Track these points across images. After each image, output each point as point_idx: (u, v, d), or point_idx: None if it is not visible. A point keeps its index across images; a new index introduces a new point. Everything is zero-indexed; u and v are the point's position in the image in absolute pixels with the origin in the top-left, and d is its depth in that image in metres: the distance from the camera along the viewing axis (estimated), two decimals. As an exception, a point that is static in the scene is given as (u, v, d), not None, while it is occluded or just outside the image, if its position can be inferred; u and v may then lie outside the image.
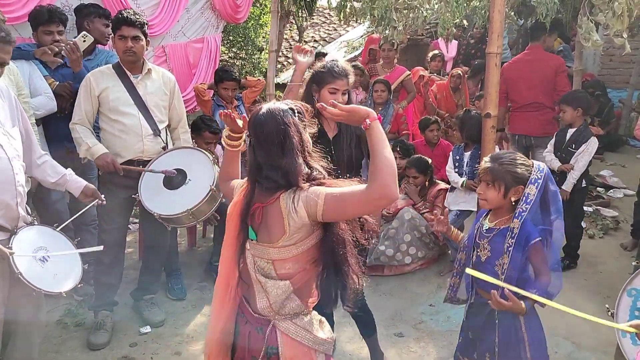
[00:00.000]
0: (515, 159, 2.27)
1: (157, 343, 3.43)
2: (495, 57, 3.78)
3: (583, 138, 4.38)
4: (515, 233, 2.18)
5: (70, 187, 2.75)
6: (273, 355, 1.86)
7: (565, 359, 3.30)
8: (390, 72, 6.08)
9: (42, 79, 3.52)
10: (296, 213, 1.74)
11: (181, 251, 4.57)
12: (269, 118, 1.80)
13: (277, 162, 1.78)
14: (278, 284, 1.82)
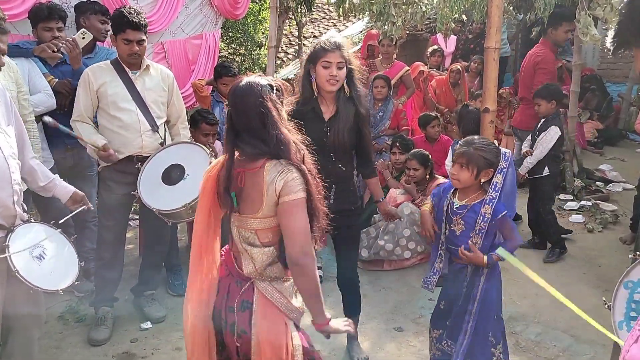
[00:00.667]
0: (487, 145, 2.54)
1: (158, 339, 3.45)
2: (494, 52, 3.79)
3: (546, 124, 4.54)
4: (488, 217, 2.48)
5: (58, 192, 2.72)
6: (247, 309, 1.95)
7: (563, 352, 3.32)
8: (390, 68, 6.07)
9: (42, 76, 3.52)
10: (274, 187, 1.82)
11: (181, 247, 4.58)
12: (248, 90, 1.87)
13: (258, 133, 1.86)
14: (263, 250, 1.93)
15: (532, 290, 4.05)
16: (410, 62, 6.89)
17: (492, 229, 2.53)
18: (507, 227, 2.54)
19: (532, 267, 3.83)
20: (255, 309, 1.94)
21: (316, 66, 2.79)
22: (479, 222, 2.51)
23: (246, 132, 1.88)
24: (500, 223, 2.51)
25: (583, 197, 5.82)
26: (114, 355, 3.26)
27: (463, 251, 2.57)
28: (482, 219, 2.49)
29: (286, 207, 1.83)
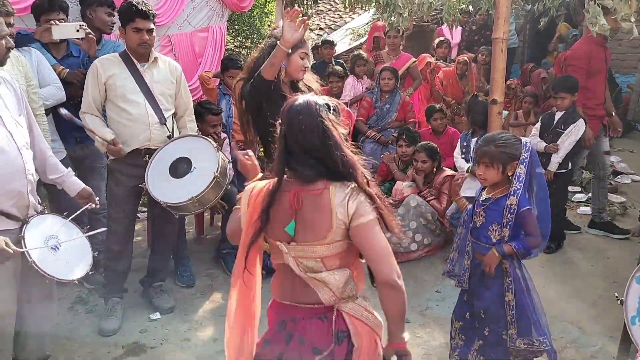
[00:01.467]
0: (507, 139, 2.53)
1: (167, 329, 3.48)
2: (502, 43, 3.77)
3: (572, 119, 4.43)
4: (514, 209, 2.46)
5: (67, 187, 2.75)
6: (344, 339, 1.82)
7: (571, 344, 3.32)
8: (396, 59, 6.06)
9: (50, 69, 3.52)
10: (345, 209, 1.71)
11: (189, 239, 4.61)
12: (306, 108, 1.76)
13: (317, 153, 1.74)
14: (334, 273, 1.78)
15: (539, 282, 4.02)
16: (416, 54, 6.87)
17: (518, 222, 2.50)
18: (531, 223, 2.50)
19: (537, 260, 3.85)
20: (353, 332, 1.82)
21: (292, 55, 2.93)
22: (506, 214, 2.48)
23: (303, 153, 1.74)
24: (523, 217, 2.48)
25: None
26: (124, 345, 3.30)
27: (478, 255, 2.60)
28: (508, 210, 2.47)
29: (364, 228, 1.71)
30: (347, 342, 1.82)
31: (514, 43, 8.60)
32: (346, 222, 1.73)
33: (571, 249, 4.61)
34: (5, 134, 2.32)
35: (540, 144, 4.48)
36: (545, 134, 4.54)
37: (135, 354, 3.23)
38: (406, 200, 4.43)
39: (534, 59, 9.07)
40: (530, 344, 2.49)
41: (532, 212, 2.50)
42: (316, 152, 1.74)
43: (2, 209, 2.33)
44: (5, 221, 2.35)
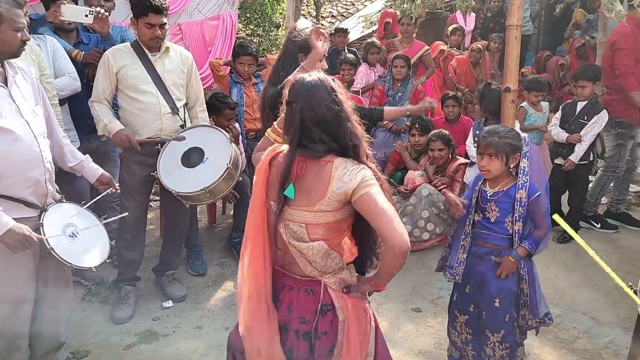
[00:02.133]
0: (510, 131, 2.59)
1: (179, 317, 3.51)
2: (516, 30, 3.71)
3: (596, 110, 4.37)
4: (525, 202, 2.50)
5: (86, 173, 2.81)
6: (328, 311, 1.91)
7: (583, 334, 3.30)
8: (409, 47, 6.00)
9: (67, 58, 3.52)
10: (348, 182, 1.77)
11: (201, 228, 4.63)
12: (318, 83, 1.84)
13: (331, 128, 1.82)
14: (312, 245, 1.85)
15: (552, 272, 4.02)
16: (429, 41, 6.80)
17: (529, 212, 2.54)
18: (541, 210, 2.53)
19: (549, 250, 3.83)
20: (339, 307, 1.90)
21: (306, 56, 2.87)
22: (517, 207, 2.52)
23: (319, 127, 1.81)
24: (533, 205, 2.52)
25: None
26: (137, 333, 3.34)
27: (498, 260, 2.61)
28: (519, 204, 2.52)
29: (370, 196, 1.76)
30: (332, 314, 1.91)
31: (529, 30, 8.48)
32: (342, 197, 1.79)
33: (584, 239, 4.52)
34: (22, 123, 2.36)
35: (562, 135, 4.41)
36: (566, 124, 4.46)
37: (148, 341, 3.26)
38: (418, 190, 4.41)
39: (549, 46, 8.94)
40: (540, 322, 2.65)
41: (542, 197, 2.52)
42: (329, 125, 1.82)
43: (20, 196, 2.38)
44: (24, 209, 2.40)
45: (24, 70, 2.50)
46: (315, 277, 1.91)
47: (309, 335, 1.93)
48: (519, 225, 2.54)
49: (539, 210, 2.53)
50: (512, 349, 2.63)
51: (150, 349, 3.20)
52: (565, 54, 8.10)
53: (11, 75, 2.40)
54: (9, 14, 2.26)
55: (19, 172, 2.34)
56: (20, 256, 2.36)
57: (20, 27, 2.32)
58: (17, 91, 2.41)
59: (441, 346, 3.17)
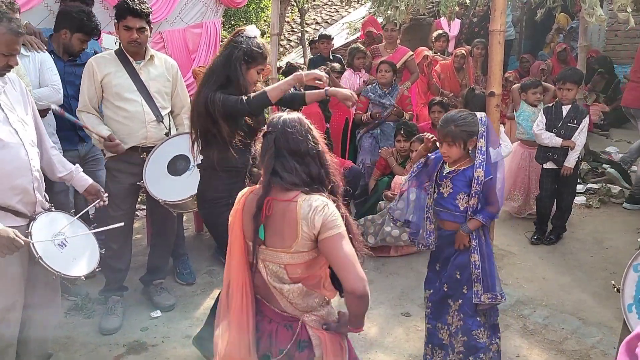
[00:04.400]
0: (465, 117, 2.71)
1: (168, 327, 3.48)
2: (499, 35, 3.75)
3: (582, 113, 4.44)
4: (482, 180, 2.68)
5: (75, 183, 2.80)
6: (305, 348, 1.92)
7: (571, 334, 3.33)
8: (393, 53, 6.04)
9: (54, 71, 3.50)
10: (312, 222, 1.78)
11: (188, 236, 4.60)
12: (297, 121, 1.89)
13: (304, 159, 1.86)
14: (292, 288, 1.86)
15: (540, 274, 4.06)
16: (413, 47, 6.85)
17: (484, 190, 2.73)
18: (493, 190, 2.74)
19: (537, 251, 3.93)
20: (315, 343, 1.92)
21: (250, 69, 2.77)
22: (474, 185, 2.69)
23: (292, 156, 1.85)
24: (487, 185, 2.71)
25: (589, 180, 5.81)
26: (125, 344, 3.30)
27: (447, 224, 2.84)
28: (476, 182, 2.69)
29: (332, 241, 1.78)
30: (309, 351, 1.92)
31: (511, 35, 8.60)
32: (311, 236, 1.80)
33: (571, 241, 4.62)
34: (10, 131, 2.36)
35: (556, 140, 4.41)
36: (554, 128, 4.47)
37: (137, 352, 3.23)
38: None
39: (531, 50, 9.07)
40: (494, 297, 2.75)
41: (494, 180, 2.73)
42: (302, 156, 1.86)
43: (8, 204, 2.36)
44: (12, 218, 2.38)
45: (14, 81, 2.52)
46: (295, 315, 1.93)
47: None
48: (474, 200, 2.72)
49: (492, 190, 2.73)
50: (464, 322, 2.78)
51: (139, 359, 3.16)
52: (547, 58, 8.21)
53: (0, 85, 2.42)
54: (2, 38, 2.27)
55: (6, 179, 2.33)
56: (8, 264, 2.32)
57: (11, 53, 2.34)
58: (6, 100, 2.42)
59: (431, 350, 3.18)
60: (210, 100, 2.66)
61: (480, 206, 2.75)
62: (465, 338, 2.79)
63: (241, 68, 2.72)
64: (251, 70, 2.77)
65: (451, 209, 2.78)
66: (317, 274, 1.91)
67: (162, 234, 3.74)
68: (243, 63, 2.73)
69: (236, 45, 2.73)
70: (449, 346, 2.87)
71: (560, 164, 4.45)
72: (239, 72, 2.71)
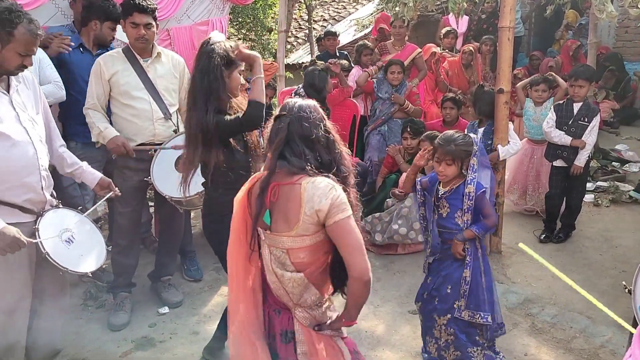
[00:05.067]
0: (464, 137, 2.78)
1: (176, 323, 3.49)
2: (508, 32, 3.73)
3: (593, 111, 4.38)
4: (473, 195, 2.73)
5: (85, 178, 2.83)
6: (290, 340, 1.94)
7: (580, 333, 3.31)
8: (401, 50, 6.00)
9: (52, 68, 3.53)
10: (317, 205, 1.76)
11: (195, 233, 4.61)
12: (312, 107, 1.90)
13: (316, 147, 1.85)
14: (294, 277, 1.86)
15: (548, 273, 4.03)
16: (421, 44, 6.82)
17: (477, 205, 2.78)
18: (486, 203, 2.79)
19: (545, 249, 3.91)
20: (298, 338, 1.93)
21: (232, 73, 2.68)
22: (466, 201, 2.75)
23: (303, 142, 1.84)
24: (480, 199, 2.76)
25: (599, 178, 5.77)
26: (133, 339, 3.32)
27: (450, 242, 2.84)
28: (467, 197, 2.74)
29: (342, 225, 1.78)
30: (293, 344, 1.94)
31: (520, 31, 8.53)
32: (315, 219, 1.79)
33: (580, 239, 4.59)
34: (20, 130, 2.39)
35: (565, 138, 4.36)
36: (564, 125, 4.41)
37: (145, 348, 3.24)
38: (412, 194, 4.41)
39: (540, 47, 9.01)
40: (472, 316, 2.78)
41: (486, 193, 2.79)
42: (313, 143, 1.85)
43: (15, 202, 2.39)
44: (20, 214, 2.41)
45: (27, 80, 2.55)
46: (287, 304, 1.94)
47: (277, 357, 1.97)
48: (467, 216, 2.76)
49: (485, 204, 2.79)
50: (457, 338, 2.80)
51: (147, 355, 3.18)
52: (556, 54, 8.16)
53: (14, 83, 2.45)
54: (21, 37, 2.31)
55: (15, 177, 2.36)
56: (15, 265, 2.35)
57: (27, 53, 2.37)
58: (18, 99, 2.45)
59: (439, 348, 3.17)
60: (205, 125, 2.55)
61: (474, 220, 2.79)
62: (458, 353, 2.82)
63: (222, 75, 2.62)
64: (233, 73, 2.69)
65: (452, 228, 2.81)
66: (322, 260, 1.90)
67: (169, 230, 3.75)
68: (223, 69, 2.63)
69: (209, 54, 2.60)
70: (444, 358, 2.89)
71: (570, 162, 4.41)
72: (219, 80, 2.60)
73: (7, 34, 2.28)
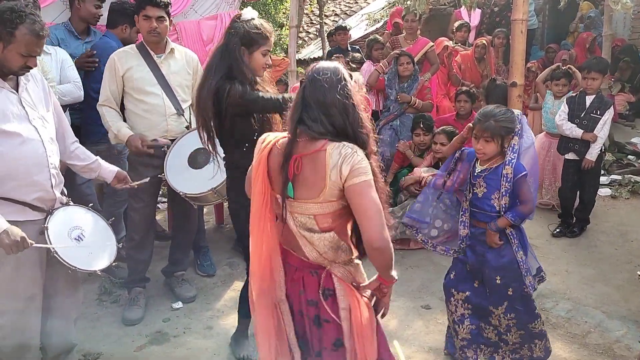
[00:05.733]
0: (505, 113, 2.62)
1: (189, 318, 3.52)
2: (521, 24, 3.69)
3: (606, 104, 4.33)
4: (511, 178, 2.58)
5: (102, 173, 2.84)
6: (330, 296, 1.93)
7: (595, 328, 3.28)
8: (413, 44, 5.98)
9: (74, 69, 3.61)
10: (340, 170, 1.77)
11: (209, 229, 4.64)
12: (332, 68, 1.86)
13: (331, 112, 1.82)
14: (324, 236, 1.87)
15: (562, 267, 4.01)
16: (434, 38, 6.78)
17: (515, 189, 2.63)
18: (525, 188, 2.63)
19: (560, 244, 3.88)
20: (339, 295, 1.92)
21: (252, 53, 2.64)
22: (504, 183, 2.61)
23: (318, 107, 1.82)
24: (519, 183, 2.60)
25: (614, 172, 5.70)
26: (147, 334, 3.35)
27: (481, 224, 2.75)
28: (505, 179, 2.60)
29: (357, 188, 1.76)
30: (332, 300, 1.92)
31: (533, 24, 8.44)
32: (339, 184, 1.79)
33: (595, 233, 4.55)
34: (30, 128, 2.39)
35: (576, 131, 4.34)
36: (577, 118, 4.38)
37: (159, 342, 3.27)
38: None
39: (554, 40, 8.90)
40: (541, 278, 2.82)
41: (528, 178, 2.62)
42: (328, 108, 1.82)
43: (25, 200, 2.39)
44: (30, 212, 2.42)
45: (37, 78, 2.55)
46: (319, 263, 1.92)
47: (318, 320, 1.95)
48: (505, 200, 2.63)
49: (524, 189, 2.62)
50: (519, 319, 2.75)
51: (161, 349, 3.20)
52: (570, 47, 8.06)
53: (23, 82, 2.45)
54: (22, 38, 2.28)
55: (25, 175, 2.36)
56: (26, 264, 2.36)
57: (30, 54, 2.34)
58: (28, 97, 2.45)
59: (452, 343, 3.16)
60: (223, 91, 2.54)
61: (511, 205, 2.66)
62: (522, 332, 2.78)
63: (241, 54, 2.61)
64: (254, 54, 2.65)
65: (487, 209, 2.70)
66: (347, 222, 1.91)
67: (183, 226, 3.77)
68: (243, 48, 2.62)
69: (233, 32, 2.62)
70: (499, 342, 2.84)
71: (582, 155, 4.37)
72: (239, 60, 2.59)
73: (8, 34, 2.26)
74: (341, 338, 1.93)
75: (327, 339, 1.95)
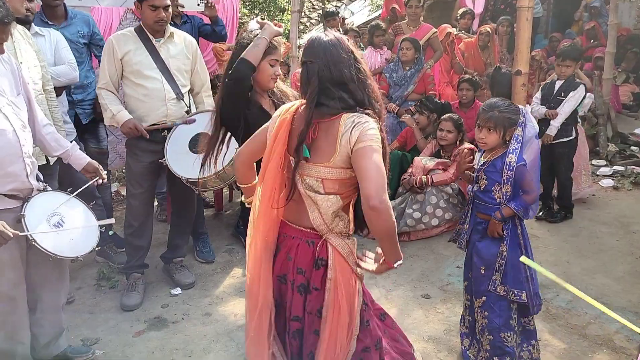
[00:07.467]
0: (509, 105, 2.64)
1: (188, 304, 3.51)
2: (527, 12, 3.65)
3: (573, 87, 4.43)
4: (514, 165, 2.56)
5: (72, 161, 2.74)
6: (322, 266, 1.96)
7: (594, 319, 3.27)
8: (416, 30, 5.91)
9: (69, 50, 3.54)
10: (350, 136, 1.79)
11: (208, 215, 4.62)
12: (337, 43, 1.86)
13: (349, 86, 1.84)
14: (328, 197, 1.90)
15: (563, 258, 3.99)
16: (437, 25, 6.70)
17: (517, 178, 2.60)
18: (527, 176, 2.60)
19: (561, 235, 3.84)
20: (331, 264, 1.94)
21: (261, 63, 2.71)
22: (506, 171, 2.59)
23: (337, 86, 1.84)
24: (520, 171, 2.58)
25: (617, 162, 5.68)
26: (146, 320, 3.34)
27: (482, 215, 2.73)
28: (508, 167, 2.58)
29: (362, 151, 1.78)
30: (324, 270, 1.95)
31: (538, 12, 8.36)
32: (348, 149, 1.81)
33: (596, 224, 4.53)
34: (1, 117, 2.29)
35: (541, 109, 4.48)
36: (546, 102, 4.52)
37: (158, 328, 3.26)
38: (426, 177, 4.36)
39: (559, 28, 8.82)
40: (506, 292, 2.64)
41: (527, 168, 2.59)
42: (347, 84, 1.84)
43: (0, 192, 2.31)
44: (6, 200, 2.34)
45: (4, 60, 2.43)
46: (321, 231, 1.95)
47: (304, 287, 1.98)
48: (507, 187, 2.60)
49: (527, 178, 2.60)
50: (490, 320, 2.68)
51: (159, 335, 3.20)
52: (574, 36, 7.98)
53: None
54: None
55: None
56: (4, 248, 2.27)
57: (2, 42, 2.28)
58: None
59: (451, 332, 3.15)
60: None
61: (514, 195, 2.63)
62: (491, 337, 2.68)
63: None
64: (261, 64, 2.72)
65: (488, 202, 2.69)
66: (351, 194, 1.95)
67: (182, 212, 3.75)
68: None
69: (241, 44, 2.75)
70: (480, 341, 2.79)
71: (558, 137, 4.47)
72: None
73: None
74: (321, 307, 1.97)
75: (314, 305, 1.98)
